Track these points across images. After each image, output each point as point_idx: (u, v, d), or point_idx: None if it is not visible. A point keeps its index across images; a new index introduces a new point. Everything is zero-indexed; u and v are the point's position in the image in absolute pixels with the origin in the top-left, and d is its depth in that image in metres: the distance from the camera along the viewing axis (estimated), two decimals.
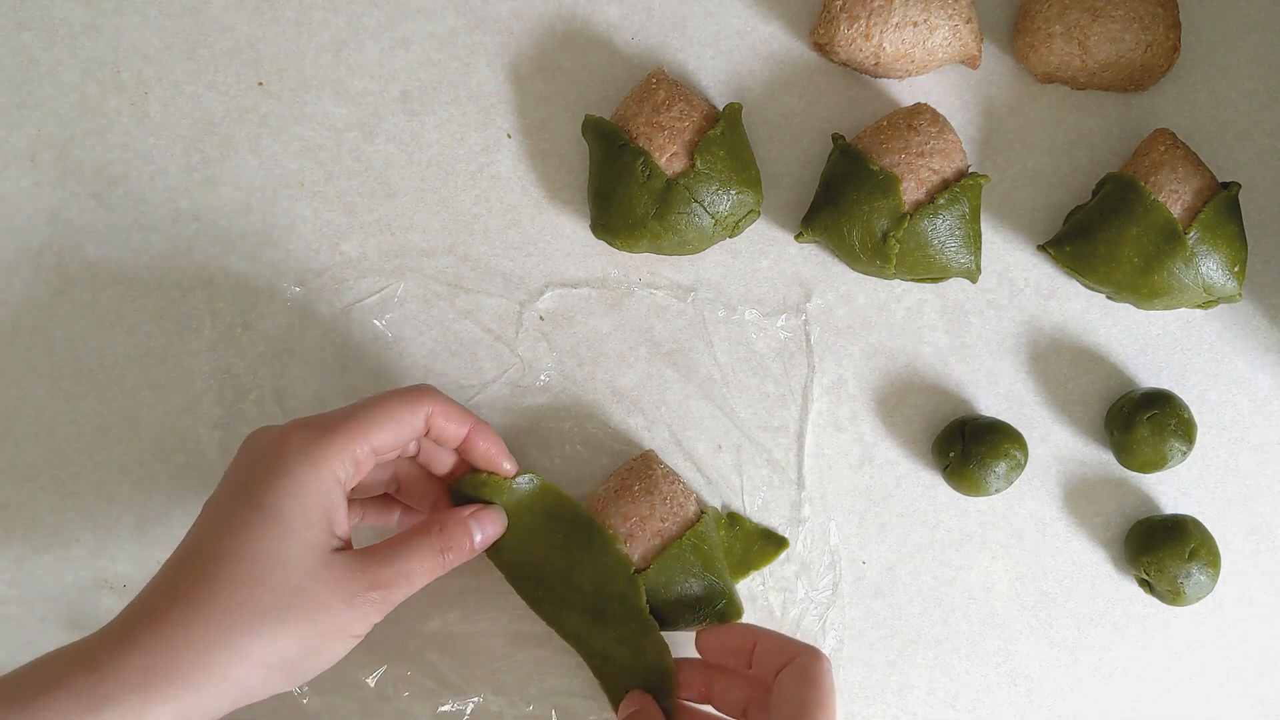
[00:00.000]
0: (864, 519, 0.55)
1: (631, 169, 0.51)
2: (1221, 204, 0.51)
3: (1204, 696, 0.55)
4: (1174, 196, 0.51)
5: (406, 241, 0.55)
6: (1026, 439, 0.54)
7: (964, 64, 0.55)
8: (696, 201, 0.51)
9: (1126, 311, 0.56)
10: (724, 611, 0.50)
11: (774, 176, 0.56)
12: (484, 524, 0.48)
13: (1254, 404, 0.56)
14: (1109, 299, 0.55)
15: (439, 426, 0.47)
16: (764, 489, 0.55)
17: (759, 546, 0.54)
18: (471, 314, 0.55)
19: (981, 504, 0.55)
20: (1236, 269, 0.52)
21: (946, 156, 0.52)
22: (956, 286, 0.56)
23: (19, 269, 0.54)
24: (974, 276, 0.53)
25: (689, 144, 0.52)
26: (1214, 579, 0.52)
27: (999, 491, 0.53)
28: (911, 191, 0.51)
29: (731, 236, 0.54)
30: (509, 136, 0.56)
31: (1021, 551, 0.55)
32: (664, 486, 0.51)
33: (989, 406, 0.56)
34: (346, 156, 0.56)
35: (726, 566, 0.52)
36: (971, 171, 0.53)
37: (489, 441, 0.48)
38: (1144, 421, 0.52)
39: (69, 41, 0.55)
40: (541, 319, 0.55)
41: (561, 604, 0.50)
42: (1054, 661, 0.55)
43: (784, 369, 0.55)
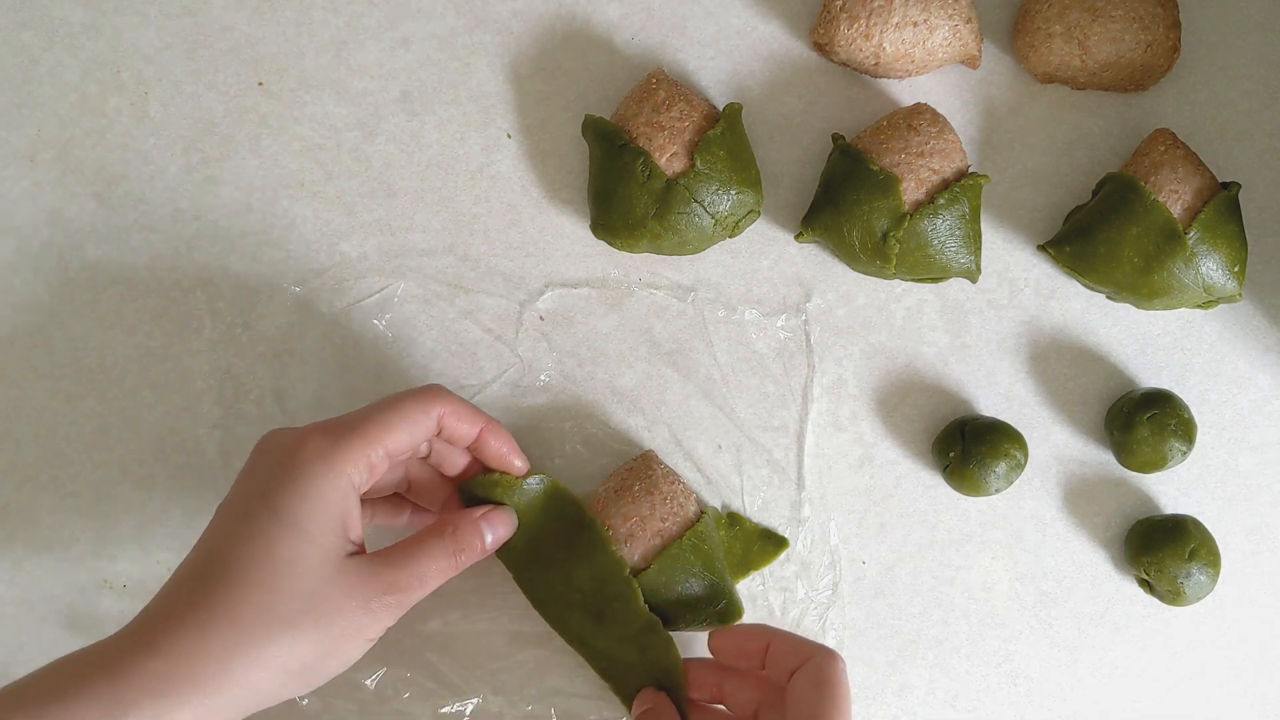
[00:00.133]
0: (864, 519, 0.55)
1: (631, 169, 0.51)
2: (1221, 204, 0.51)
3: (1204, 696, 0.55)
4: (1174, 196, 0.51)
5: (406, 241, 0.55)
6: (1026, 439, 0.54)
7: (964, 64, 0.55)
8: (696, 201, 0.51)
9: (1126, 311, 0.56)
10: (724, 612, 0.50)
11: (774, 176, 0.56)
12: (495, 525, 0.48)
13: (1254, 404, 0.56)
14: (1109, 299, 0.55)
15: (451, 426, 0.47)
16: (764, 489, 0.55)
17: (759, 546, 0.54)
18: (471, 314, 0.55)
19: (981, 504, 0.55)
20: (1236, 269, 0.52)
21: (946, 156, 0.52)
22: (956, 286, 0.56)
23: (19, 269, 0.54)
24: (974, 276, 0.53)
25: (689, 144, 0.52)
26: (1214, 579, 0.52)
27: (999, 491, 0.53)
28: (911, 191, 0.51)
29: (731, 236, 0.54)
30: (509, 136, 0.56)
31: (1021, 551, 0.55)
32: (664, 486, 0.51)
33: (989, 406, 0.56)
34: (346, 156, 0.56)
35: (726, 566, 0.52)
36: (971, 171, 0.53)
37: (501, 440, 0.49)
38: (1144, 421, 0.52)
39: (69, 41, 0.55)
40: (541, 319, 0.55)
41: (563, 605, 0.50)
42: (1054, 661, 0.55)
43: (784, 369, 0.55)
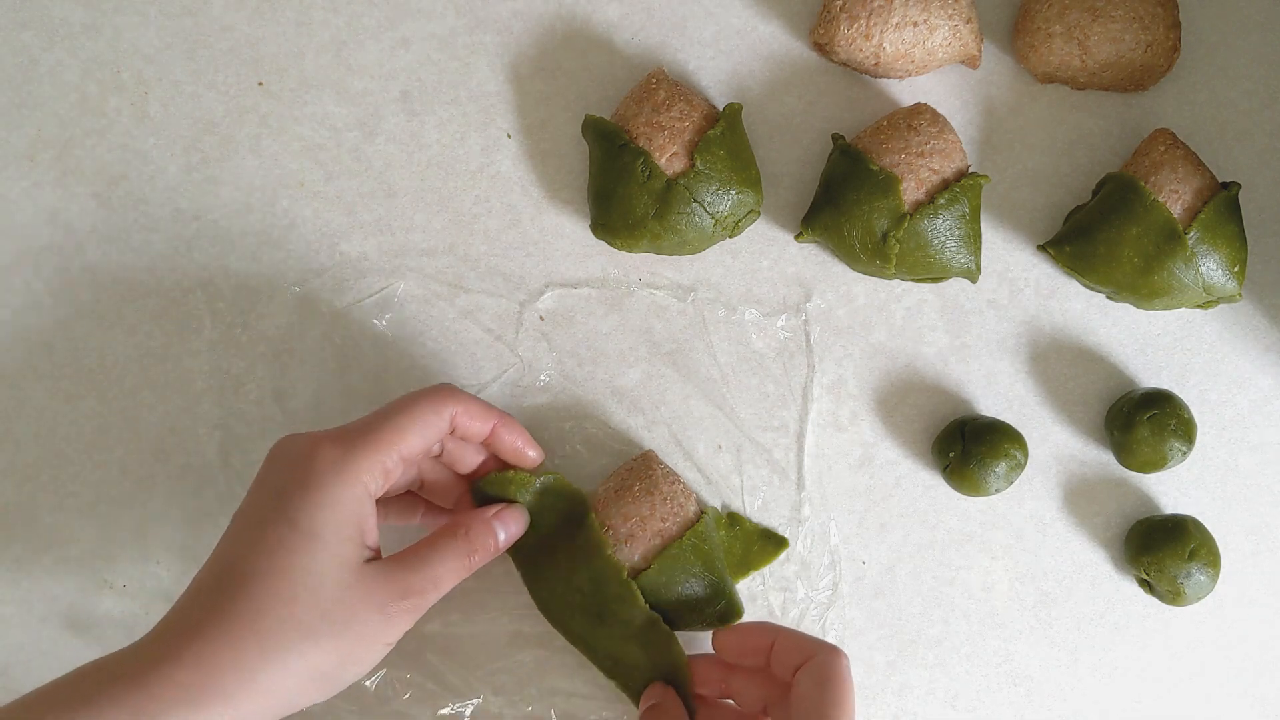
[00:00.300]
0: (864, 519, 0.55)
1: (631, 169, 0.51)
2: (1221, 204, 0.51)
3: (1204, 696, 0.55)
4: (1174, 196, 0.51)
5: (406, 241, 0.55)
6: (1026, 439, 0.54)
7: (964, 64, 0.55)
8: (696, 201, 0.51)
9: (1126, 311, 0.56)
10: (724, 612, 0.50)
11: (774, 176, 0.56)
12: (507, 523, 0.48)
13: (1254, 404, 0.56)
14: (1109, 299, 0.55)
15: (464, 425, 0.47)
16: (764, 489, 0.55)
17: (759, 546, 0.54)
18: (471, 314, 0.55)
19: (981, 504, 0.55)
20: (1236, 269, 0.52)
21: (946, 156, 0.52)
22: (956, 286, 0.56)
23: (19, 269, 0.54)
24: (974, 276, 0.53)
25: (689, 144, 0.52)
26: (1214, 579, 0.52)
27: (999, 491, 0.53)
28: (911, 191, 0.51)
29: (731, 236, 0.54)
30: (509, 136, 0.56)
31: (1021, 551, 0.55)
32: (664, 486, 0.51)
33: (989, 406, 0.56)
34: (346, 156, 0.56)
35: (726, 566, 0.52)
36: (971, 171, 0.53)
37: (514, 434, 0.49)
38: (1144, 421, 0.52)
39: (69, 41, 0.55)
40: (541, 319, 0.55)
41: (565, 605, 0.50)
42: (1054, 661, 0.55)
43: (784, 369, 0.55)
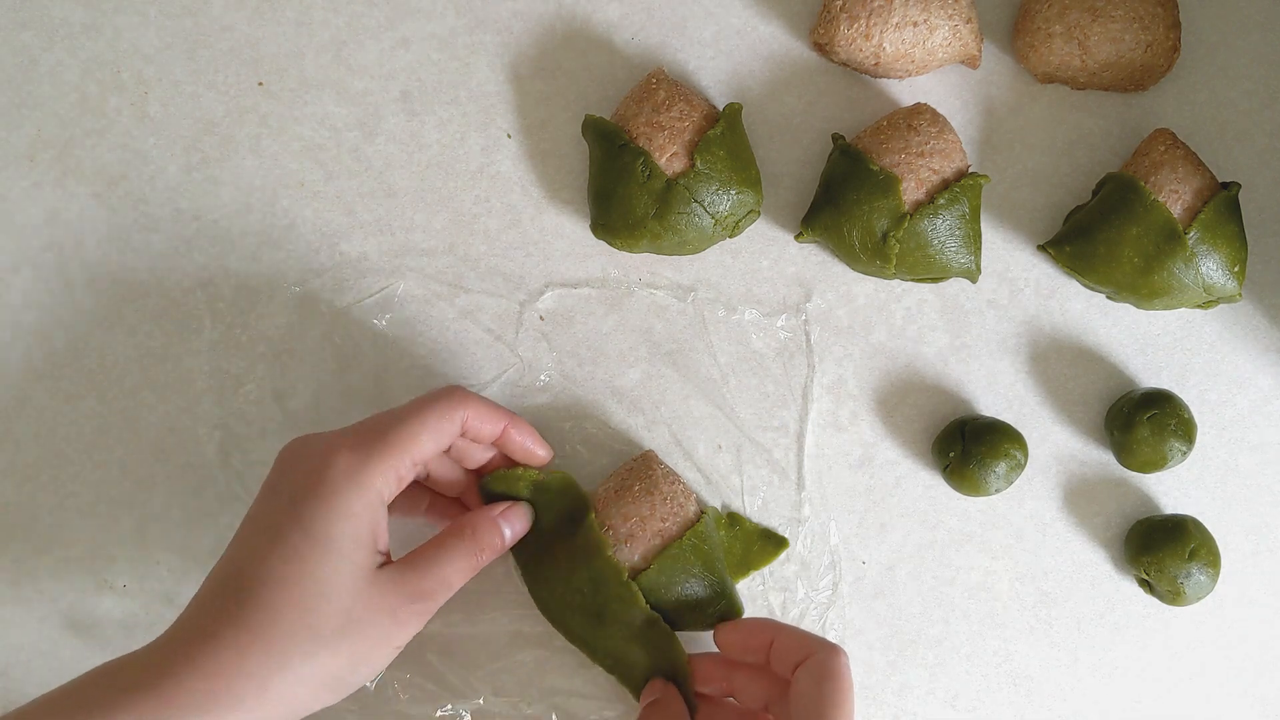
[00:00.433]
0: (864, 519, 0.55)
1: (631, 169, 0.51)
2: (1221, 204, 0.51)
3: (1204, 696, 0.55)
4: (1174, 196, 0.51)
5: (406, 241, 0.55)
6: (1026, 439, 0.54)
7: (964, 64, 0.55)
8: (696, 201, 0.51)
9: (1126, 311, 0.56)
10: (724, 612, 0.50)
11: (774, 176, 0.56)
12: (512, 521, 0.49)
13: (1254, 404, 0.56)
14: (1109, 299, 0.55)
15: (475, 428, 0.48)
16: (764, 489, 0.55)
17: (759, 546, 0.54)
18: (471, 314, 0.55)
19: (981, 504, 0.55)
20: (1236, 269, 0.52)
21: (946, 156, 0.52)
22: (956, 286, 0.56)
23: (19, 269, 0.54)
24: (974, 276, 0.53)
25: (689, 144, 0.51)
26: (1214, 579, 0.52)
27: (999, 491, 0.53)
28: (911, 191, 0.51)
29: (731, 236, 0.54)
30: (509, 136, 0.56)
31: (1021, 551, 0.55)
32: (664, 486, 0.51)
33: (989, 406, 0.56)
34: (346, 156, 0.56)
35: (726, 566, 0.52)
36: (971, 171, 0.53)
37: (524, 434, 0.50)
38: (1144, 421, 0.52)
39: (69, 41, 0.55)
40: (541, 319, 0.55)
41: (565, 606, 0.50)
42: (1054, 661, 0.55)
43: (784, 369, 0.55)
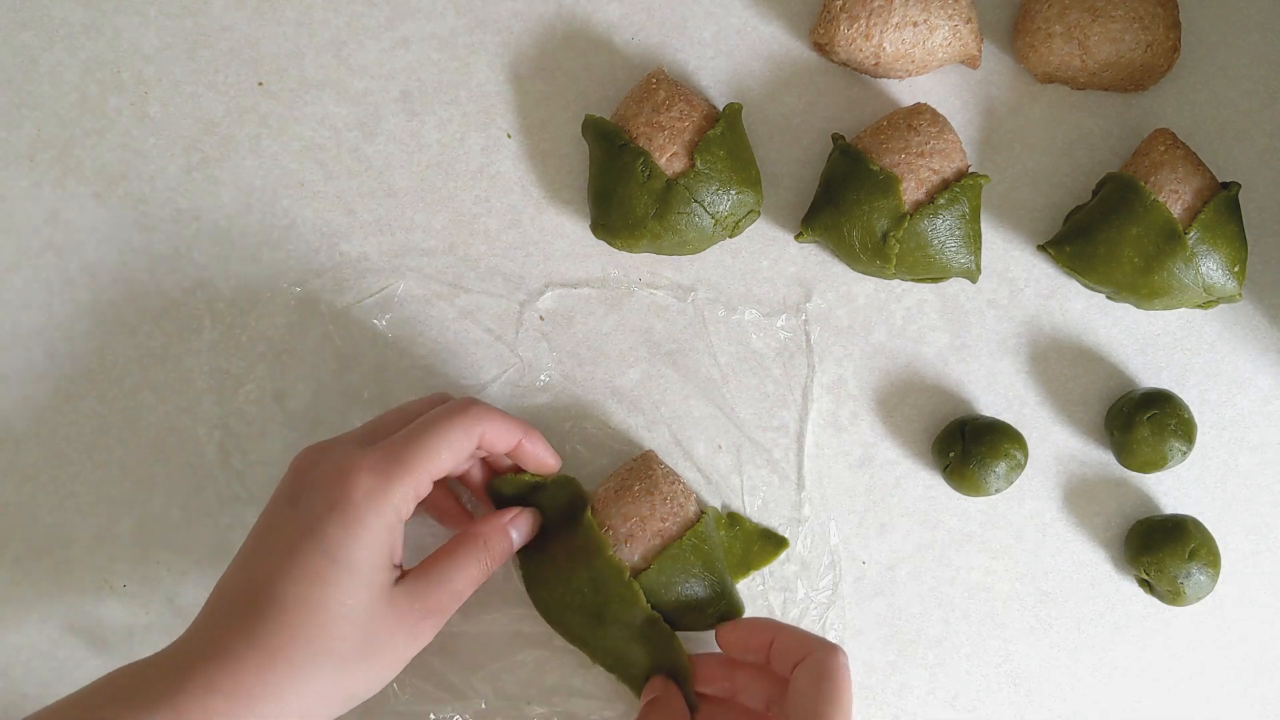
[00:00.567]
0: (864, 519, 0.55)
1: (631, 169, 0.51)
2: (1221, 204, 0.51)
3: (1204, 696, 0.55)
4: (1174, 196, 0.51)
5: (406, 241, 0.55)
6: (1026, 439, 0.54)
7: (964, 64, 0.55)
8: (696, 201, 0.51)
9: (1126, 311, 0.56)
10: (724, 612, 0.50)
11: (774, 176, 0.56)
12: (520, 527, 0.50)
13: (1254, 404, 0.56)
14: (1109, 299, 0.55)
15: (491, 443, 0.48)
16: (764, 489, 0.55)
17: (759, 546, 0.54)
18: (471, 314, 0.55)
19: (981, 504, 0.55)
20: (1236, 269, 0.52)
21: (946, 156, 0.52)
22: (956, 286, 0.56)
23: (19, 269, 0.54)
24: (974, 276, 0.53)
25: (689, 144, 0.51)
26: (1214, 579, 0.52)
27: (999, 491, 0.53)
28: (911, 191, 0.51)
29: (731, 236, 0.54)
30: (509, 136, 0.56)
31: (1021, 551, 0.55)
32: (664, 486, 0.51)
33: (989, 406, 0.56)
34: (346, 156, 0.56)
35: (727, 566, 0.52)
36: (971, 171, 0.53)
37: (537, 446, 0.50)
38: (1144, 421, 0.52)
39: (69, 41, 0.55)
40: (541, 319, 0.55)
41: (564, 606, 0.50)
42: (1054, 661, 0.55)
43: (784, 369, 0.55)
